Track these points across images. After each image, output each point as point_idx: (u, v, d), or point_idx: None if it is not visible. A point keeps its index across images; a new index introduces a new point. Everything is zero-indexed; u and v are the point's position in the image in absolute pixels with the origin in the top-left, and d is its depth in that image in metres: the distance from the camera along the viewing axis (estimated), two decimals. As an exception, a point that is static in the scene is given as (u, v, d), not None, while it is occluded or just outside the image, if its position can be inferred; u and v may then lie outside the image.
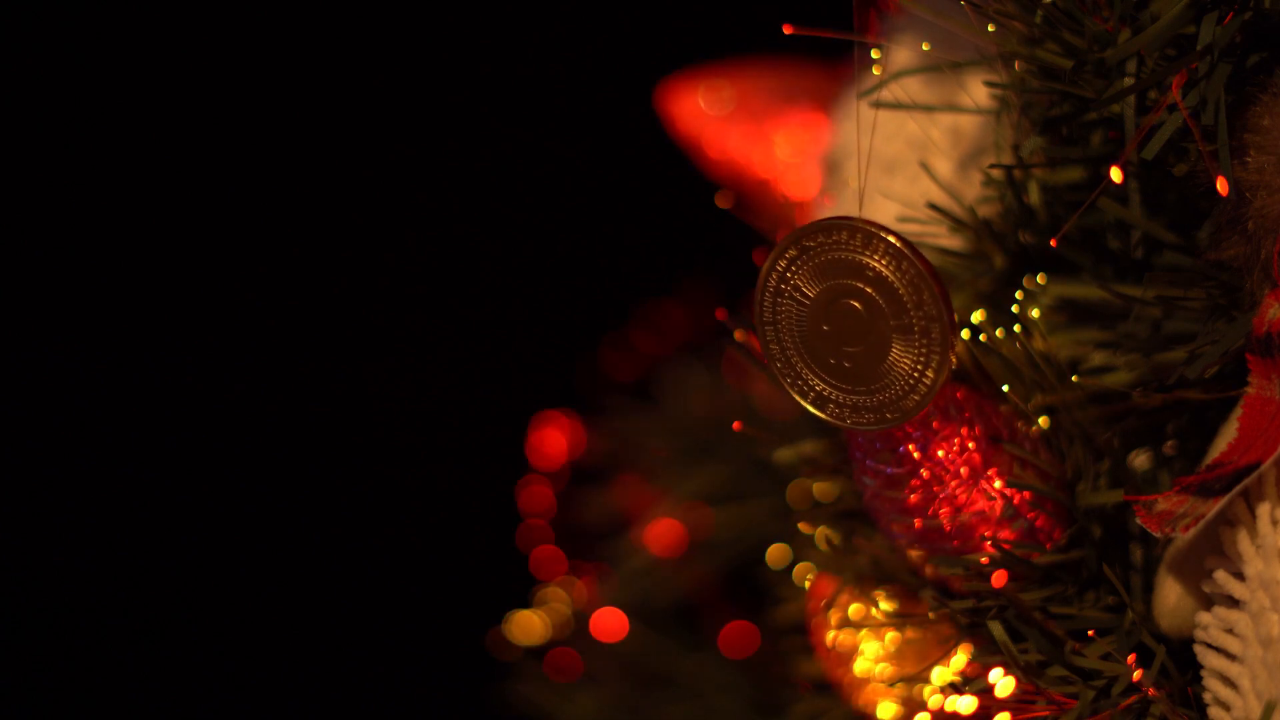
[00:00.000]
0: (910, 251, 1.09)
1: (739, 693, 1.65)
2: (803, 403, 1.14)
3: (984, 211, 1.23)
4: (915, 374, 1.11)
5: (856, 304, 1.11)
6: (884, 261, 1.10)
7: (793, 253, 1.12)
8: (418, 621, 2.26)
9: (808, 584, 1.32)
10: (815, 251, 1.11)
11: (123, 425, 2.27)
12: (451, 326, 2.31)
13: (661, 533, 1.69)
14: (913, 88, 1.25)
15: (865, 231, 1.10)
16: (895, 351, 1.11)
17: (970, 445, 1.16)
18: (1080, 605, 1.17)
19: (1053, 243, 1.18)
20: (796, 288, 1.12)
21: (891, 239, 1.09)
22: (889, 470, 1.17)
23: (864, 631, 1.27)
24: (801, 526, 1.29)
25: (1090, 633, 1.15)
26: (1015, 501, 1.16)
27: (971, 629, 1.18)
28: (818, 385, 1.13)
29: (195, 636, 2.27)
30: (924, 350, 1.10)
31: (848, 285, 1.11)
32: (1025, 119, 1.18)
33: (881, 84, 1.21)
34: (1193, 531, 1.07)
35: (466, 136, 2.29)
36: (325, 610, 2.28)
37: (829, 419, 1.13)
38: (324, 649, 2.28)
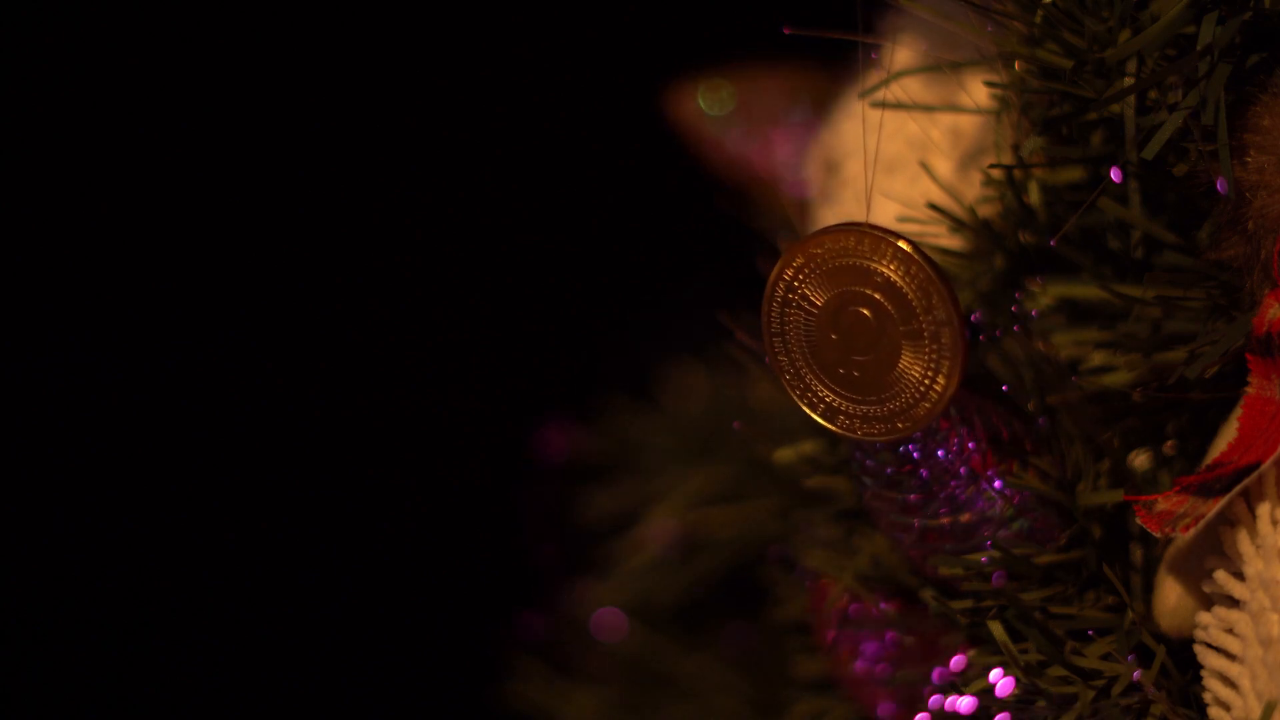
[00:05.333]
0: (919, 255, 1.08)
1: (739, 693, 1.65)
2: (813, 415, 1.13)
3: (984, 211, 1.23)
4: (926, 381, 1.10)
5: (865, 311, 1.10)
6: (892, 266, 1.09)
7: (799, 260, 1.11)
8: (418, 621, 2.26)
9: (807, 584, 1.33)
10: (822, 258, 1.10)
11: (121, 425, 2.27)
12: (451, 326, 2.31)
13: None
14: (913, 88, 1.25)
15: (873, 236, 1.09)
16: (905, 359, 1.10)
17: (970, 445, 1.16)
18: (1080, 605, 1.17)
19: (1053, 243, 1.18)
20: (804, 296, 1.11)
21: (900, 243, 1.08)
22: (889, 470, 1.17)
23: (864, 631, 1.27)
24: (801, 526, 1.29)
25: (1090, 633, 1.15)
26: (1015, 501, 1.16)
27: (971, 629, 1.18)
28: (828, 397, 1.12)
29: (195, 636, 2.27)
30: (934, 356, 1.09)
31: (856, 292, 1.10)
32: (1025, 119, 1.18)
33: (882, 84, 1.21)
34: (1193, 531, 1.07)
35: (468, 137, 2.29)
36: (325, 610, 2.28)
37: (840, 430, 1.13)
38: (324, 649, 2.28)
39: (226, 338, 2.29)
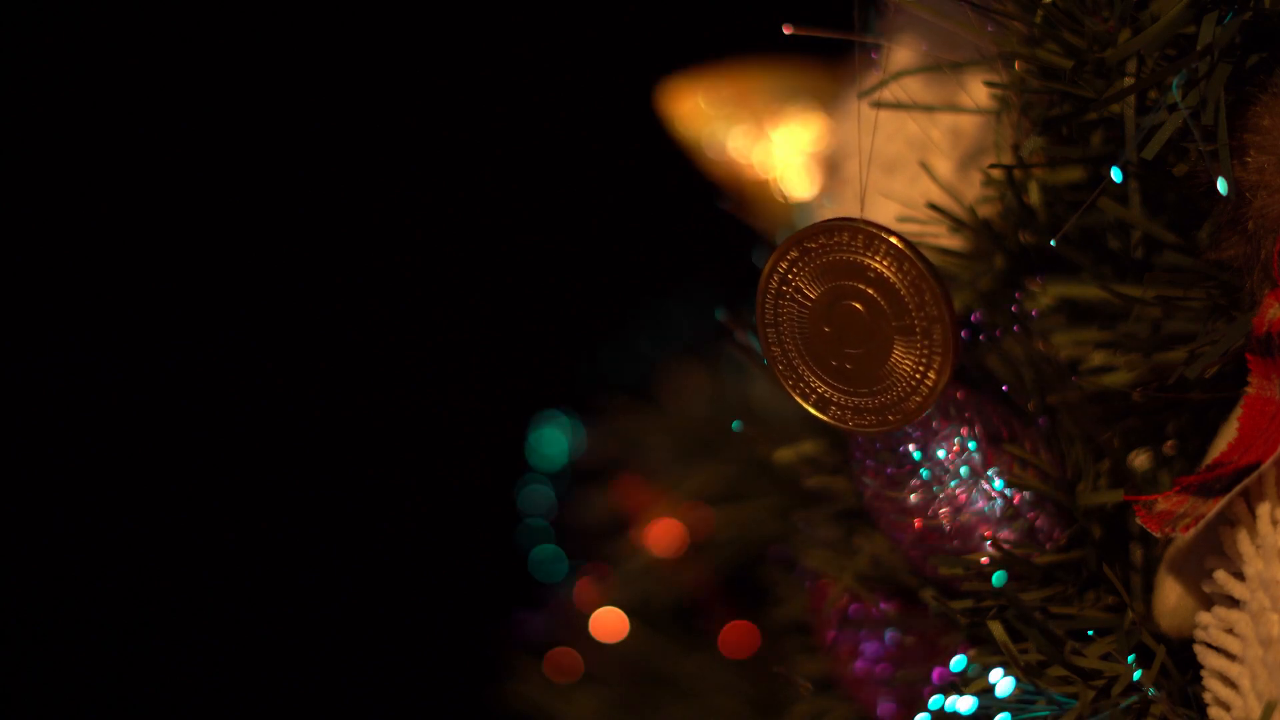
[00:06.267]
0: (912, 252, 1.09)
1: (739, 693, 1.65)
2: (805, 405, 1.13)
3: (984, 211, 1.23)
4: (917, 376, 1.10)
5: (858, 305, 1.11)
6: (885, 262, 1.09)
7: (794, 254, 1.11)
8: (418, 621, 2.26)
9: (808, 584, 1.33)
10: (816, 253, 1.11)
11: (121, 425, 2.27)
12: (452, 326, 2.31)
13: (661, 533, 1.69)
14: (913, 88, 1.25)
15: (867, 232, 1.09)
16: (897, 353, 1.10)
17: (970, 445, 1.16)
18: (1080, 605, 1.17)
19: (1053, 243, 1.18)
20: (798, 289, 1.12)
21: (893, 240, 1.09)
22: (889, 470, 1.17)
23: (864, 631, 1.27)
24: (801, 526, 1.29)
25: (1090, 633, 1.15)
26: (1015, 501, 1.16)
27: (971, 629, 1.18)
28: (819, 387, 1.13)
29: (196, 636, 2.27)
30: (926, 352, 1.10)
31: (849, 286, 1.11)
32: (1025, 119, 1.18)
33: (881, 84, 1.21)
34: (1193, 531, 1.07)
35: (468, 137, 2.29)
36: (326, 610, 2.28)
37: (831, 421, 1.13)
38: (324, 649, 2.28)
39: (226, 338, 2.29)
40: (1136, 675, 1.12)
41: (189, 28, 2.25)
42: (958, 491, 1.16)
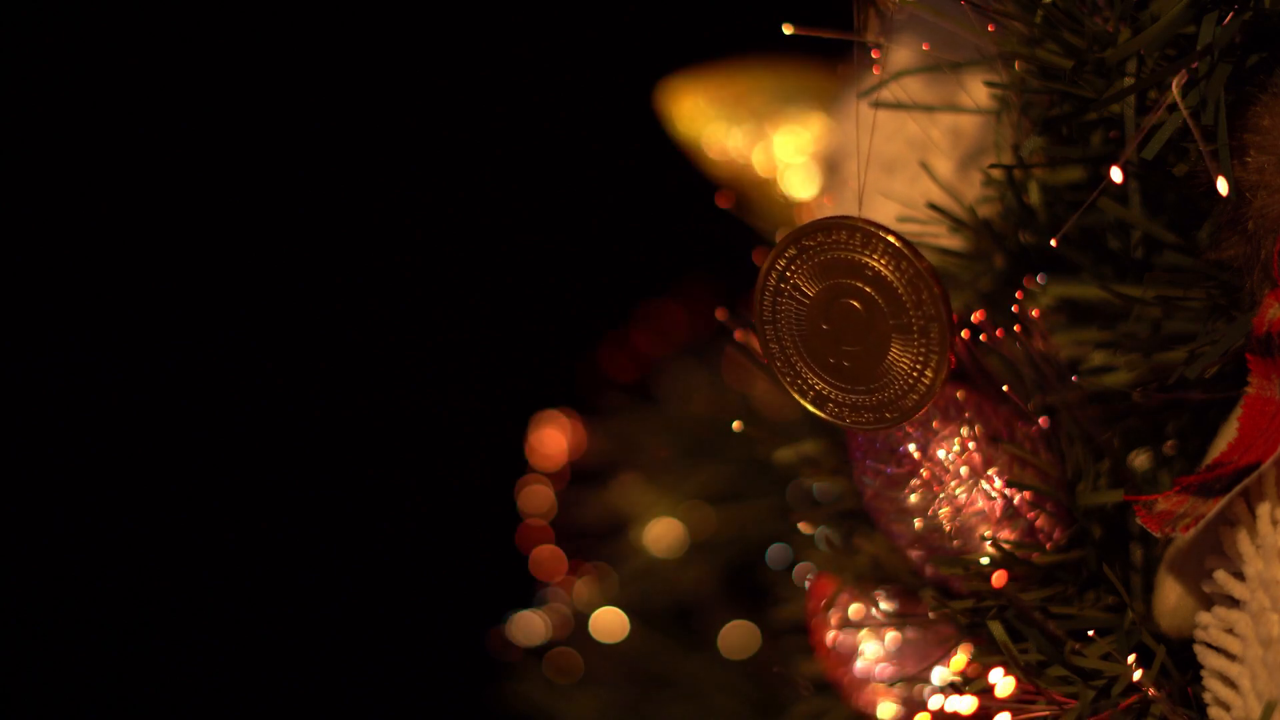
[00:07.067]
0: (909, 251, 1.09)
1: (739, 693, 1.65)
2: (802, 401, 1.14)
3: (984, 211, 1.23)
4: (914, 374, 1.11)
5: (856, 303, 1.11)
6: (883, 261, 1.10)
7: (792, 252, 1.12)
8: (418, 621, 2.26)
9: (808, 584, 1.32)
10: (815, 251, 1.11)
11: (121, 425, 2.27)
12: (452, 326, 2.31)
13: (661, 533, 1.69)
14: (913, 88, 1.25)
15: (864, 231, 1.10)
16: (894, 351, 1.11)
17: (970, 445, 1.16)
18: (1080, 605, 1.17)
19: (1053, 243, 1.18)
20: (796, 287, 1.12)
21: (891, 238, 1.09)
22: (889, 470, 1.17)
23: (864, 631, 1.27)
24: (801, 526, 1.29)
25: (1090, 633, 1.15)
26: (1015, 501, 1.16)
27: (971, 629, 1.18)
28: (817, 384, 1.13)
29: (195, 637, 2.27)
30: (923, 350, 1.10)
31: (847, 285, 1.11)
32: (1025, 119, 1.18)
33: (881, 84, 1.21)
34: (1193, 531, 1.07)
35: (467, 137, 2.29)
36: (326, 610, 2.28)
37: (828, 418, 1.14)
38: (324, 649, 2.28)
39: (226, 338, 2.29)
40: (1136, 675, 1.12)
41: (189, 28, 2.25)
42: (958, 491, 1.16)
